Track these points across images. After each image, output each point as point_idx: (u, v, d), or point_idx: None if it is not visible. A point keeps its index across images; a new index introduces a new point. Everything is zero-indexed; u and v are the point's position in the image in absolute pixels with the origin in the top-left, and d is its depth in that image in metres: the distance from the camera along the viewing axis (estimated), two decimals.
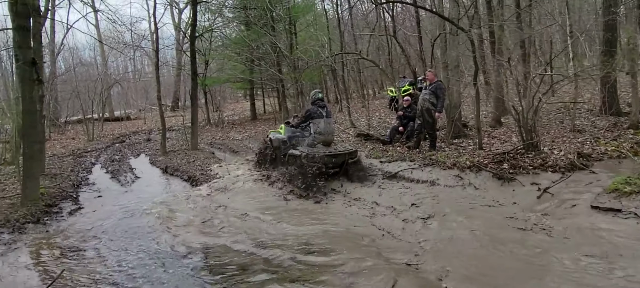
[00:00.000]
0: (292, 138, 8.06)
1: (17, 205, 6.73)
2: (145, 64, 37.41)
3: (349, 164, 7.36)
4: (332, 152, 7.53)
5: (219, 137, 14.72)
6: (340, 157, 7.40)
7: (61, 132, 19.78)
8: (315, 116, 7.88)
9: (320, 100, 8.12)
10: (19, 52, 6.54)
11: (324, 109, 7.99)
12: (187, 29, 18.67)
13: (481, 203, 5.51)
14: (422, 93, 8.47)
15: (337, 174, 7.30)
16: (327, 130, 7.88)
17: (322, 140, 7.85)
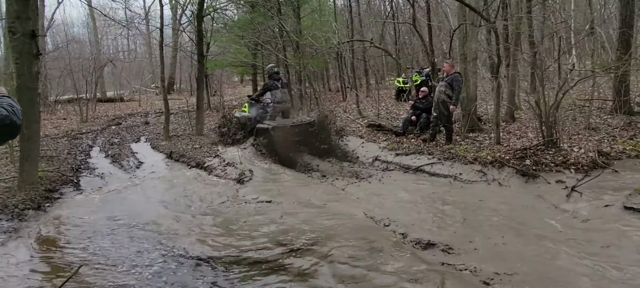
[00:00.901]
0: (257, 115, 8.94)
1: (14, 189, 6.25)
2: (138, 44, 36.55)
3: (310, 133, 8.03)
4: (296, 122, 8.38)
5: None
6: (303, 127, 8.13)
7: (51, 112, 19.04)
8: (273, 88, 8.97)
9: (276, 74, 9.30)
10: (17, 23, 6.00)
11: (279, 81, 9.16)
12: (186, 7, 18.05)
13: (511, 201, 5.30)
14: (438, 85, 8.25)
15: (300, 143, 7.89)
16: (283, 99, 9.08)
17: (281, 108, 9.04)
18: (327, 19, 17.67)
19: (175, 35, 23.49)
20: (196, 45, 11.21)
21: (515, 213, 4.85)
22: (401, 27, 16.83)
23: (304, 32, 15.24)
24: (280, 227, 4.62)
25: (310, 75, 15.56)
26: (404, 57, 18.04)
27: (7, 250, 4.30)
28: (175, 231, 4.68)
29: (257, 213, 5.20)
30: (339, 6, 20.03)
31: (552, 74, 9.65)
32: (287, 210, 5.17)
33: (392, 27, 17.54)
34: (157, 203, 5.84)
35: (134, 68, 30.39)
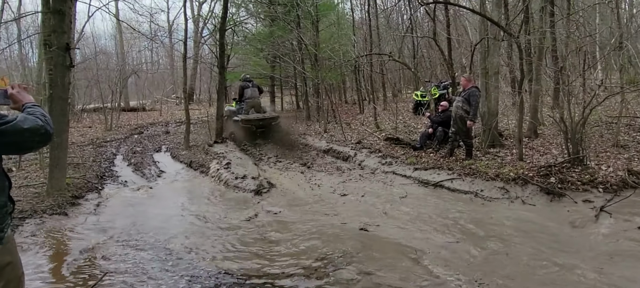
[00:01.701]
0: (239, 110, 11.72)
1: (43, 194, 6.47)
2: (160, 55, 37.36)
3: (272, 126, 11.18)
4: (260, 116, 11.28)
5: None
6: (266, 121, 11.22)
7: (78, 120, 19.60)
8: (246, 88, 11.77)
9: (247, 79, 12.23)
10: (53, 37, 6.26)
11: (250, 82, 12.00)
12: (208, 20, 18.43)
13: (536, 221, 5.12)
14: (455, 99, 8.20)
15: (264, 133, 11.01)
16: (253, 95, 11.76)
17: (252, 103, 11.65)
18: (346, 33, 17.81)
19: (197, 47, 23.95)
20: (218, 57, 11.42)
21: (544, 236, 4.66)
22: (420, 41, 16.84)
23: (322, 45, 15.41)
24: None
25: (328, 87, 15.66)
26: (422, 70, 18.02)
27: (34, 254, 4.43)
28: (199, 247, 4.76)
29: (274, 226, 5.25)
30: (357, 20, 20.19)
31: (577, 89, 9.52)
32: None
33: (410, 40, 17.56)
34: (177, 214, 5.95)
35: (157, 79, 31.07)
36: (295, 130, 13.77)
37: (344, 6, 22.16)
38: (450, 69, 10.76)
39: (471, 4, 15.76)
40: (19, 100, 1.91)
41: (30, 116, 1.78)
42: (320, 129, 13.43)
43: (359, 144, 10.40)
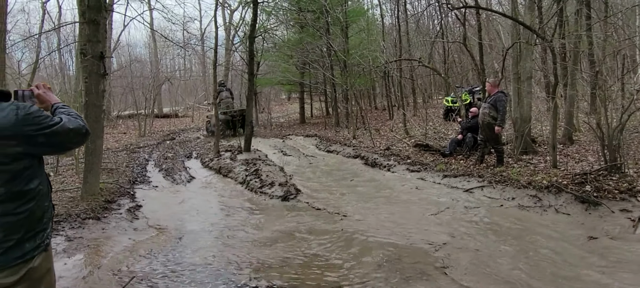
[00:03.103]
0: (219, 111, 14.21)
1: (77, 199, 6.68)
2: (193, 63, 38.29)
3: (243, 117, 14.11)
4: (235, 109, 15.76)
5: (270, 139, 14.58)
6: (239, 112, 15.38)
7: (113, 126, 20.29)
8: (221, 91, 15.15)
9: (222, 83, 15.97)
10: (88, 46, 6.49)
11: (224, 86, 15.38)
12: (238, 28, 18.79)
13: (571, 231, 4.90)
14: (482, 106, 8.02)
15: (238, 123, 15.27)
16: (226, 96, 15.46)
17: (226, 103, 15.42)
18: (375, 38, 17.75)
19: (228, 54, 24.41)
20: (247, 64, 11.59)
21: (579, 246, 4.54)
22: (450, 46, 16.58)
23: (352, 51, 15.40)
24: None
25: (357, 93, 15.61)
26: (453, 75, 17.72)
27: (66, 257, 4.57)
28: (230, 256, 4.79)
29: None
30: (387, 25, 20.09)
31: (614, 94, 9.14)
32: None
33: (441, 45, 17.31)
34: (206, 220, 6.02)
35: (189, 86, 31.81)
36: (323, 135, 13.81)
37: (374, 12, 22.14)
38: (481, 74, 10.52)
39: (503, 8, 15.41)
40: (46, 100, 1.94)
41: (71, 117, 1.83)
42: (349, 135, 13.40)
43: (388, 150, 10.31)
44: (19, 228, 1.70)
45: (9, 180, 1.67)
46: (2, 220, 1.66)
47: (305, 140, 14.16)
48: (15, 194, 1.69)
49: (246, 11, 18.92)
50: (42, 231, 1.80)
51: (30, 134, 1.68)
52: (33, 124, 1.69)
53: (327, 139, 13.45)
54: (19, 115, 1.67)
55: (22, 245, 1.71)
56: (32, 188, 1.75)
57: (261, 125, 19.40)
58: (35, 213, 1.76)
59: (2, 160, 1.65)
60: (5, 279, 1.67)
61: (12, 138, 1.65)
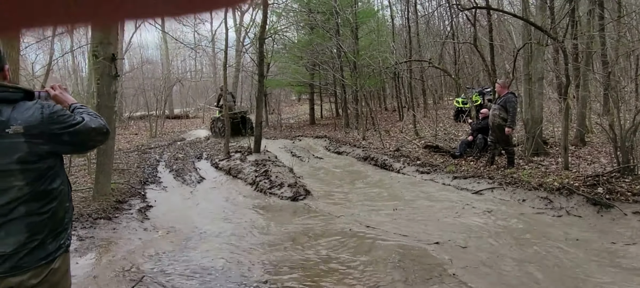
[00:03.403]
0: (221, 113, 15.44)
1: (89, 199, 6.76)
2: (204, 64, 38.54)
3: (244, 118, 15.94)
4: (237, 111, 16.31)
5: (279, 140, 14.62)
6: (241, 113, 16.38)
7: (124, 127, 20.51)
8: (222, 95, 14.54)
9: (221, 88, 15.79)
10: (100, 48, 6.58)
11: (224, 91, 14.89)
12: (249, 29, 18.86)
13: (583, 235, 4.83)
14: (492, 107, 7.96)
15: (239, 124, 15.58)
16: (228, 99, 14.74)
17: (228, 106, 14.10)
18: (385, 39, 17.71)
19: (238, 56, 24.51)
20: (257, 65, 11.65)
21: (592, 249, 4.49)
22: (461, 46, 16.49)
23: (362, 52, 15.39)
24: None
25: (367, 94, 15.59)
26: (463, 76, 17.61)
27: (78, 257, 4.64)
28: (239, 257, 4.82)
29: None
30: (397, 26, 20.02)
31: (627, 95, 9.01)
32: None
33: (451, 46, 17.22)
34: (216, 220, 6.06)
35: (200, 87, 32.03)
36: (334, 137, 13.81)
37: (384, 13, 22.10)
38: (492, 75, 10.44)
39: (514, 8, 15.27)
40: (63, 100, 1.94)
41: (92, 116, 1.84)
42: (358, 136, 13.38)
43: (398, 151, 10.28)
44: (42, 228, 1.70)
45: (34, 179, 1.68)
46: (27, 220, 1.66)
47: (315, 141, 14.17)
48: (40, 194, 1.70)
49: (256, 13, 19.00)
50: (63, 231, 1.81)
51: (56, 132, 1.70)
52: (58, 122, 1.71)
53: (336, 140, 13.44)
54: (45, 114, 1.68)
55: (45, 246, 1.71)
56: (55, 187, 1.76)
57: (271, 126, 19.46)
58: (58, 213, 1.77)
59: (29, 159, 1.65)
60: (29, 280, 1.67)
61: (39, 136, 1.66)
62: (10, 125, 1.61)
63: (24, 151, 1.63)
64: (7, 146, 1.61)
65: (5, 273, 1.63)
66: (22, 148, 1.63)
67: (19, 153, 1.62)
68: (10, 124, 1.61)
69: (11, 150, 1.61)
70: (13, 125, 1.62)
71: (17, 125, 1.62)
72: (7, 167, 1.61)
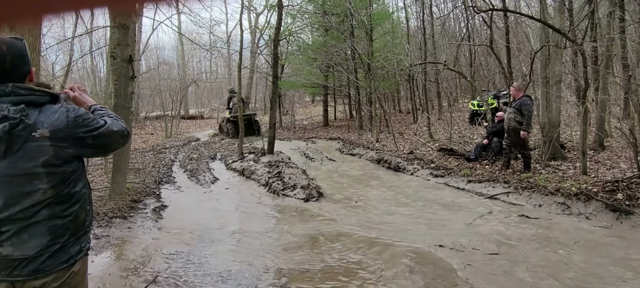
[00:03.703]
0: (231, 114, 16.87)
1: (105, 198, 6.86)
2: (219, 65, 38.86)
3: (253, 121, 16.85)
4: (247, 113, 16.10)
5: (293, 141, 14.65)
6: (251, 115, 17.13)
7: (141, 127, 20.78)
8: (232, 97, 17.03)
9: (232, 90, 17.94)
10: (118, 50, 6.68)
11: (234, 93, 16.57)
12: (263, 31, 18.98)
13: (602, 241, 4.71)
14: (507, 110, 7.86)
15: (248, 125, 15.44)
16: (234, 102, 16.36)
17: (235, 108, 15.84)
18: (400, 41, 17.63)
19: (253, 57, 24.66)
20: (272, 67, 11.71)
21: (611, 257, 4.40)
22: (477, 49, 16.32)
23: (376, 54, 15.34)
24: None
25: (381, 96, 15.54)
26: (479, 79, 17.42)
27: (93, 255, 4.70)
28: (252, 258, 4.83)
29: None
30: (412, 28, 19.93)
31: None
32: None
33: (467, 48, 17.06)
34: (230, 221, 6.09)
35: (215, 88, 32.29)
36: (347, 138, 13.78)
37: (399, 15, 22.01)
38: (508, 78, 10.31)
39: (531, 10, 15.07)
40: (83, 102, 1.94)
41: (113, 119, 1.85)
42: (372, 138, 13.34)
43: (411, 154, 10.21)
44: (65, 232, 1.71)
45: (59, 182, 1.68)
46: (50, 223, 1.67)
47: (329, 143, 14.16)
48: (63, 197, 1.71)
49: (271, 14, 19.09)
50: (84, 234, 1.81)
51: (81, 136, 1.71)
52: (83, 125, 1.72)
53: (350, 141, 13.42)
54: (70, 118, 1.70)
55: (67, 249, 1.72)
56: (78, 191, 1.77)
57: (285, 127, 19.52)
58: (79, 216, 1.77)
59: (54, 162, 1.66)
60: (51, 284, 1.68)
61: (64, 140, 1.67)
62: (37, 129, 1.63)
63: (49, 154, 1.65)
64: (33, 149, 1.62)
65: (27, 276, 1.64)
66: (48, 152, 1.64)
67: (45, 157, 1.64)
68: (37, 128, 1.63)
69: (37, 153, 1.63)
70: (39, 129, 1.63)
71: (44, 129, 1.64)
72: (33, 170, 1.63)
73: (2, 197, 1.61)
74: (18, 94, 1.64)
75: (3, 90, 1.63)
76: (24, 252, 1.63)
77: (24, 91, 1.66)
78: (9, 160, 1.60)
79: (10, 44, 1.66)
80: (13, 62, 1.66)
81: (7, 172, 1.61)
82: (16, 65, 1.67)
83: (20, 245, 1.62)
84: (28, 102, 1.65)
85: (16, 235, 1.62)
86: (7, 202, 1.61)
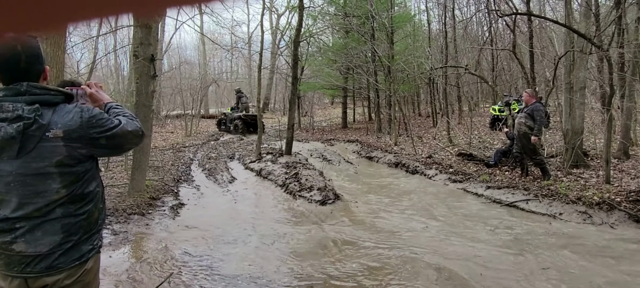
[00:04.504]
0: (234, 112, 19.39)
1: (124, 194, 6.98)
2: (240, 66, 39.22)
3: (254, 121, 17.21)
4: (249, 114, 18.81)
5: (311, 143, 14.67)
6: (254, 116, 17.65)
7: (161, 126, 21.10)
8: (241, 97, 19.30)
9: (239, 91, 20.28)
10: (140, 49, 6.79)
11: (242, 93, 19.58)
12: (284, 32, 19.07)
13: (622, 251, 4.55)
14: (518, 116, 7.73)
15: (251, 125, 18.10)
16: (245, 102, 19.36)
17: (244, 106, 19.10)
18: (421, 44, 17.49)
19: (273, 58, 24.81)
20: (291, 68, 11.76)
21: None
22: (500, 53, 16.06)
23: (397, 57, 15.25)
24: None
25: (400, 99, 15.43)
26: (501, 83, 17.15)
27: (111, 251, 4.79)
28: (263, 264, 4.84)
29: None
30: (434, 31, 19.74)
31: None
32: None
33: (489, 52, 16.80)
34: (245, 221, 6.12)
35: (235, 87, 32.60)
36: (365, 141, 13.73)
37: (421, 17, 21.84)
38: (532, 83, 10.11)
39: (556, 15, 14.75)
40: (99, 99, 1.94)
41: (128, 119, 1.85)
42: (390, 141, 13.25)
43: (430, 158, 10.11)
44: (77, 230, 1.73)
45: (72, 182, 1.70)
46: (63, 221, 1.69)
47: (347, 145, 14.13)
48: (76, 196, 1.72)
49: (292, 16, 19.17)
50: (97, 232, 1.83)
51: (95, 137, 1.72)
52: (97, 126, 1.72)
53: (368, 144, 13.36)
54: (84, 118, 1.70)
55: (79, 247, 1.74)
56: (91, 190, 1.79)
57: (303, 128, 19.57)
58: (93, 214, 1.79)
59: (67, 162, 1.68)
60: (64, 281, 1.70)
61: (77, 140, 1.68)
62: (51, 129, 1.64)
63: (62, 155, 1.66)
64: (46, 149, 1.64)
65: (40, 273, 1.66)
66: (61, 152, 1.66)
67: (58, 157, 1.66)
68: (51, 128, 1.65)
69: (50, 153, 1.64)
70: (53, 129, 1.65)
71: (57, 129, 1.65)
72: (46, 170, 1.64)
73: (17, 196, 1.63)
74: (33, 93, 1.66)
75: (18, 89, 1.65)
76: (37, 249, 1.65)
77: (39, 91, 1.68)
78: (22, 159, 1.62)
79: (25, 44, 1.67)
80: (28, 62, 1.68)
81: (21, 172, 1.63)
82: (31, 64, 1.69)
83: (34, 242, 1.64)
84: (42, 102, 1.67)
85: (30, 232, 1.64)
86: (22, 201, 1.63)
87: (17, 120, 1.61)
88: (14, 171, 1.62)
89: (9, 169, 1.62)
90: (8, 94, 1.64)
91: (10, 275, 1.66)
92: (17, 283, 1.67)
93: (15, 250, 1.63)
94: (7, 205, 1.63)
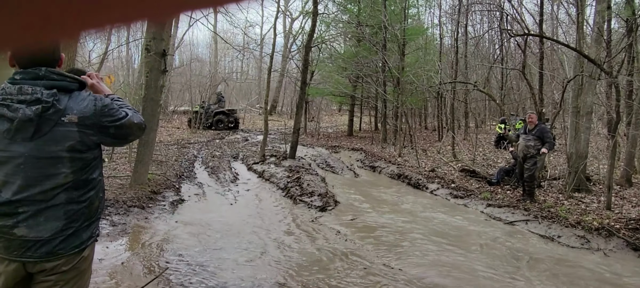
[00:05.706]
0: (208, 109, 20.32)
1: (126, 186, 7.02)
2: (250, 66, 39.41)
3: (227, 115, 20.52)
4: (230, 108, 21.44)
5: (316, 148, 14.71)
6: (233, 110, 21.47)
7: (168, 121, 21.23)
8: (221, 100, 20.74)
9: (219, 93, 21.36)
10: (152, 43, 6.87)
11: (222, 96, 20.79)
12: (297, 36, 19.20)
13: (617, 279, 4.55)
14: (524, 138, 7.69)
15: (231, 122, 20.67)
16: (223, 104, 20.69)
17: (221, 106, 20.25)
18: (431, 58, 17.52)
19: (284, 61, 24.91)
20: (301, 72, 11.82)
21: None
22: (509, 72, 16.05)
23: (407, 69, 15.28)
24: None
25: (408, 111, 15.45)
26: (508, 103, 17.11)
27: (107, 242, 4.83)
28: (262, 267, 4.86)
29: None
30: (445, 46, 19.76)
31: None
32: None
33: (499, 71, 16.79)
34: (243, 222, 6.15)
35: (244, 88, 32.75)
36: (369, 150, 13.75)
37: (433, 31, 21.88)
38: (540, 104, 10.09)
39: (568, 38, 14.73)
40: (100, 90, 1.96)
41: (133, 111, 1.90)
42: (394, 152, 13.25)
43: (433, 172, 10.10)
44: (79, 217, 1.76)
45: (80, 168, 1.74)
46: (66, 207, 1.71)
47: (351, 153, 14.14)
48: (81, 182, 1.76)
49: (306, 21, 19.28)
50: (96, 221, 1.87)
51: (106, 125, 1.77)
52: (108, 115, 1.78)
53: (372, 154, 13.37)
54: (98, 106, 1.76)
55: (80, 234, 1.77)
56: (95, 177, 1.83)
57: (309, 133, 19.60)
58: (94, 202, 1.83)
59: (79, 148, 1.72)
60: (61, 267, 1.73)
61: (90, 127, 1.74)
62: (66, 114, 1.69)
63: (75, 140, 1.71)
64: (61, 134, 1.68)
65: (40, 258, 1.69)
66: (74, 137, 1.70)
67: (71, 142, 1.70)
68: (67, 113, 1.69)
69: (64, 138, 1.69)
70: (69, 114, 1.69)
71: (73, 115, 1.70)
72: (58, 154, 1.68)
73: (22, 178, 1.65)
74: (51, 78, 1.71)
75: (36, 73, 1.69)
76: (39, 233, 1.67)
77: (57, 76, 1.73)
78: (35, 142, 1.66)
79: None
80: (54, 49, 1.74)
81: (33, 154, 1.66)
82: (54, 51, 1.76)
83: (36, 227, 1.67)
84: (60, 88, 1.72)
85: (33, 217, 1.67)
86: (27, 182, 1.65)
87: (36, 103, 1.65)
88: (26, 153, 1.65)
89: (21, 151, 1.65)
90: (26, 77, 1.68)
91: (8, 259, 1.68)
92: (15, 266, 1.69)
93: (17, 234, 1.65)
94: (8, 188, 1.65)
